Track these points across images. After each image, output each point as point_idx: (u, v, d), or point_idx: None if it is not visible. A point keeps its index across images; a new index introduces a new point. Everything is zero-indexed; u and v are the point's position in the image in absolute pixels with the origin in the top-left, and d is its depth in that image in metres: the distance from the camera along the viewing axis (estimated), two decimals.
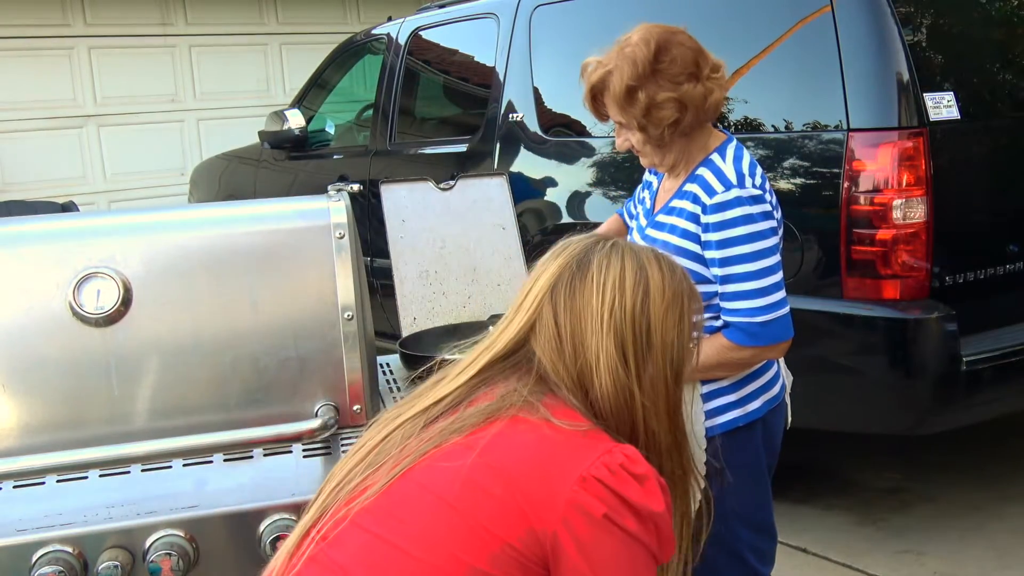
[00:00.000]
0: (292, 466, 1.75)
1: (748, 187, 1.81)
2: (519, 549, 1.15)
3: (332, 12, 9.23)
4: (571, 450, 1.20)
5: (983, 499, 3.53)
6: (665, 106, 1.82)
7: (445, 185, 2.62)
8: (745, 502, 1.90)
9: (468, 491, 1.17)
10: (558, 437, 1.22)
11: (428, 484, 1.20)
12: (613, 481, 1.17)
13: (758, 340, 1.80)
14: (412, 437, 1.26)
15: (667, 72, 1.82)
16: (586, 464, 1.17)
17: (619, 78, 1.83)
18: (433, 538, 1.16)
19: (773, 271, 1.81)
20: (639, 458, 1.21)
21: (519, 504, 1.16)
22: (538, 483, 1.17)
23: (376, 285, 3.95)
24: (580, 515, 1.15)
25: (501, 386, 1.29)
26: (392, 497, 1.21)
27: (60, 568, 1.54)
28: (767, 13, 3.25)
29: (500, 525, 1.15)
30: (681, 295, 1.33)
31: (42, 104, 7.85)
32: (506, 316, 1.37)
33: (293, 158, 5.63)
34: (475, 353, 1.36)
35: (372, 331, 1.96)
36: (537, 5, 4.14)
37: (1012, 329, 3.13)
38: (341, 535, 1.20)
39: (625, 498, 1.17)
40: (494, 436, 1.22)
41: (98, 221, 2.02)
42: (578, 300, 1.30)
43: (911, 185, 2.87)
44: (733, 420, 1.89)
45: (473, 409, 1.26)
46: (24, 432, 1.67)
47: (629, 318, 1.28)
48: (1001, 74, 3.37)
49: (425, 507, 1.18)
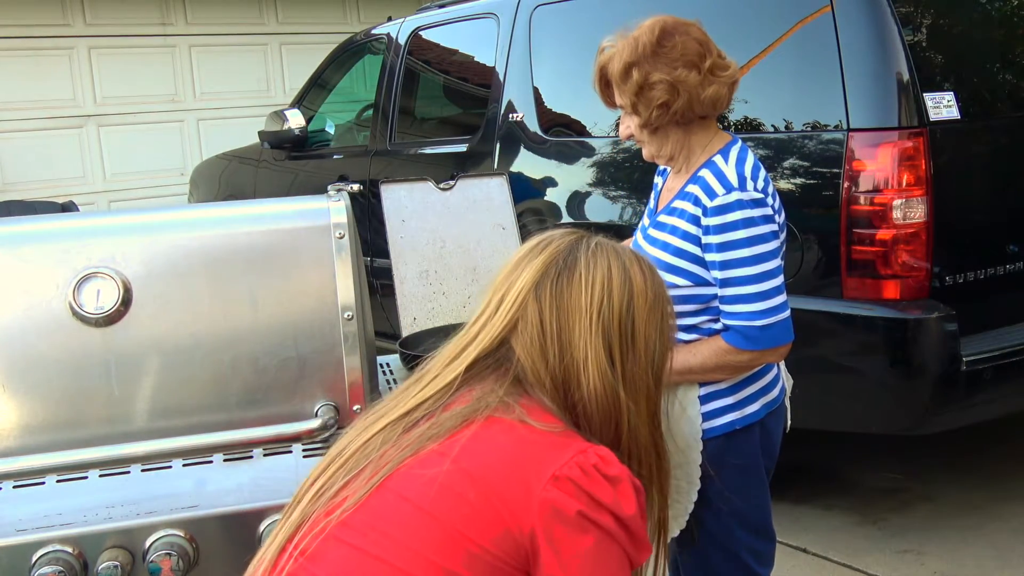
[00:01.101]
0: (292, 466, 1.75)
1: (749, 190, 1.80)
2: (495, 553, 1.15)
3: (332, 12, 9.23)
4: (544, 450, 1.19)
5: (983, 499, 3.53)
6: (656, 87, 1.82)
7: (445, 185, 2.62)
8: (743, 504, 1.90)
9: (444, 497, 1.17)
10: (532, 437, 1.21)
11: (406, 493, 1.19)
12: (585, 482, 1.17)
13: (757, 344, 1.80)
14: (390, 444, 1.25)
15: (666, 56, 1.82)
16: (559, 464, 1.17)
17: (619, 57, 1.86)
18: (412, 547, 1.15)
19: (773, 275, 1.80)
20: (613, 459, 1.20)
21: (495, 507, 1.16)
22: (513, 484, 1.16)
23: (376, 285, 3.95)
24: (554, 514, 1.15)
25: (478, 388, 1.28)
26: (371, 509, 1.20)
27: (60, 568, 1.54)
28: (767, 13, 3.26)
29: (476, 529, 1.15)
30: (662, 298, 1.33)
31: (42, 104, 7.85)
32: (484, 311, 1.34)
33: (293, 158, 5.63)
34: (456, 350, 1.33)
35: (372, 331, 1.96)
36: (537, 5, 4.14)
37: (1012, 329, 3.13)
38: (320, 549, 1.19)
39: (597, 499, 1.16)
40: (468, 440, 1.21)
41: (98, 221, 2.02)
42: (565, 298, 1.28)
43: (911, 185, 2.87)
44: (731, 423, 1.88)
45: (449, 413, 1.25)
46: (24, 432, 1.67)
47: (616, 318, 1.28)
48: (1001, 74, 3.37)
49: (403, 517, 1.18)
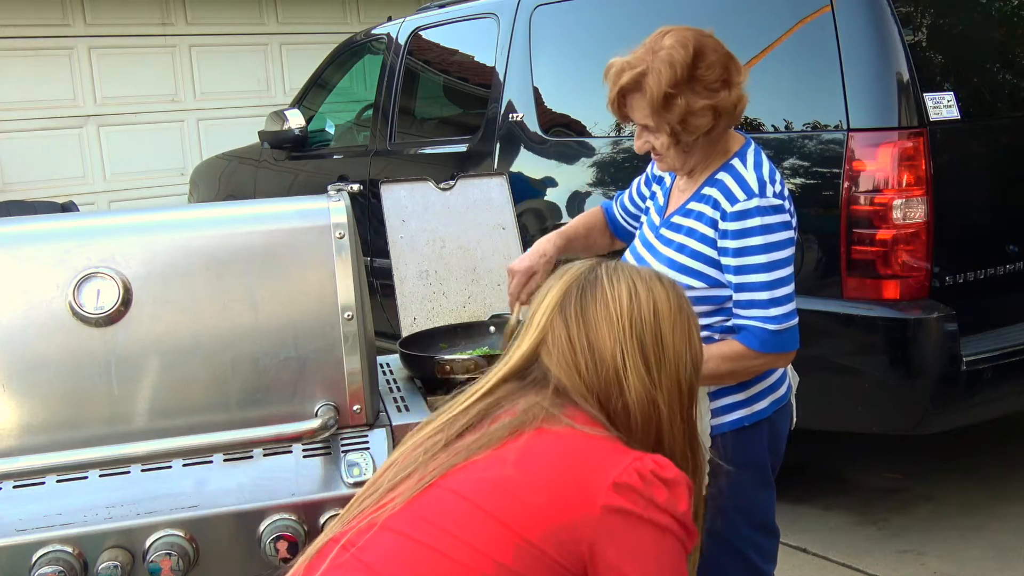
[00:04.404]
0: (292, 466, 1.75)
1: (769, 196, 1.80)
2: (549, 553, 1.19)
3: (332, 12, 9.22)
4: (601, 457, 1.24)
5: (983, 499, 3.53)
6: (702, 114, 1.79)
7: (445, 185, 2.62)
8: (749, 501, 1.91)
9: (497, 496, 1.21)
10: (584, 444, 1.26)
11: (458, 489, 1.24)
12: (644, 488, 1.22)
13: (768, 348, 1.80)
14: (439, 450, 1.30)
15: (704, 79, 1.78)
16: (618, 470, 1.22)
17: (656, 82, 1.78)
18: (462, 537, 1.20)
19: (786, 282, 1.81)
20: (668, 464, 1.26)
21: (552, 511, 1.20)
22: (572, 491, 1.21)
23: (376, 285, 3.95)
24: (617, 519, 1.20)
25: (522, 402, 1.32)
26: (421, 503, 1.24)
27: (60, 568, 1.54)
28: (767, 13, 3.25)
29: (530, 527, 1.19)
30: (687, 309, 1.38)
31: (42, 104, 7.84)
32: (518, 337, 1.41)
33: (293, 158, 5.63)
34: (490, 374, 1.40)
35: (372, 331, 1.96)
36: (537, 5, 4.13)
37: (1012, 329, 3.13)
38: (370, 541, 1.23)
39: (657, 502, 1.22)
40: (524, 446, 1.26)
41: (98, 221, 2.02)
42: (591, 312, 1.34)
43: (911, 185, 2.87)
44: (740, 419, 1.89)
45: (498, 424, 1.30)
46: (24, 432, 1.67)
47: (648, 326, 1.33)
48: (1001, 74, 3.37)
49: (454, 510, 1.22)
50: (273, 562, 1.62)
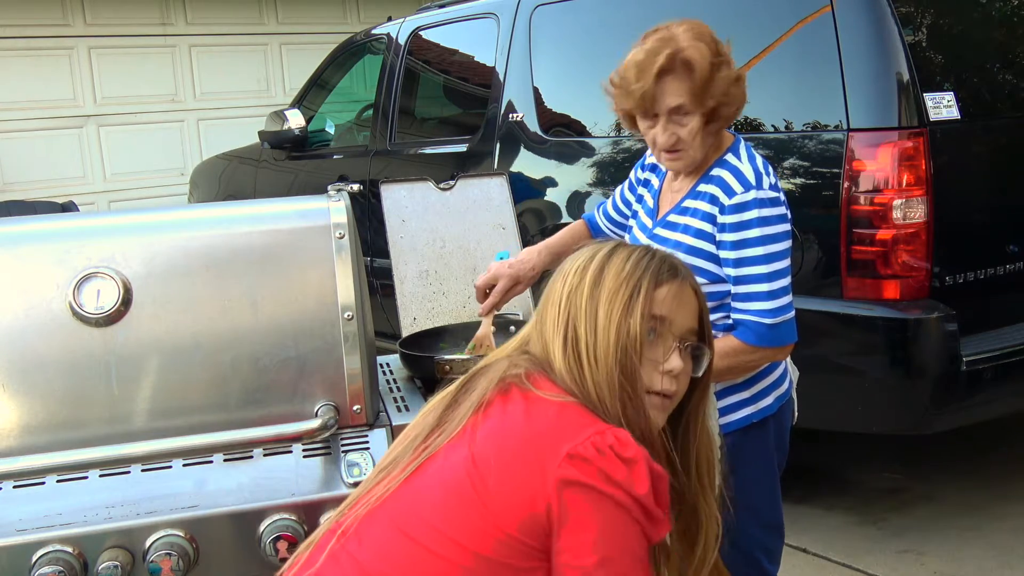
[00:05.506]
0: (292, 466, 1.75)
1: (765, 188, 1.82)
2: (519, 538, 1.20)
3: (332, 12, 9.22)
4: (560, 430, 1.24)
5: (983, 499, 3.53)
6: (738, 84, 1.79)
7: (445, 185, 2.62)
8: (758, 500, 1.91)
9: (468, 481, 1.23)
10: (545, 414, 1.26)
11: (437, 478, 1.27)
12: (599, 460, 1.21)
13: (766, 341, 1.81)
14: (432, 428, 1.34)
15: (725, 52, 1.80)
16: (574, 443, 1.22)
17: (701, 54, 1.73)
18: (444, 531, 1.22)
19: (784, 275, 1.82)
20: (630, 442, 1.24)
21: (515, 490, 1.21)
22: (530, 464, 1.21)
23: (376, 285, 3.95)
24: (567, 490, 1.20)
25: (494, 368, 1.35)
26: (411, 488, 1.28)
27: (60, 568, 1.54)
28: (767, 13, 3.25)
29: (501, 515, 1.21)
30: (639, 280, 1.36)
31: (42, 104, 7.84)
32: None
33: (293, 158, 5.63)
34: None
35: (372, 331, 1.96)
36: (537, 5, 4.13)
37: (1012, 329, 3.13)
38: (360, 528, 1.27)
39: (610, 476, 1.21)
40: (484, 421, 1.28)
41: (98, 221, 2.02)
42: (553, 279, 1.42)
43: (911, 185, 2.87)
44: (747, 417, 1.89)
45: (468, 398, 1.33)
46: (24, 432, 1.67)
47: (581, 294, 1.35)
48: (1001, 74, 3.37)
49: (436, 502, 1.25)
50: (273, 562, 1.62)
